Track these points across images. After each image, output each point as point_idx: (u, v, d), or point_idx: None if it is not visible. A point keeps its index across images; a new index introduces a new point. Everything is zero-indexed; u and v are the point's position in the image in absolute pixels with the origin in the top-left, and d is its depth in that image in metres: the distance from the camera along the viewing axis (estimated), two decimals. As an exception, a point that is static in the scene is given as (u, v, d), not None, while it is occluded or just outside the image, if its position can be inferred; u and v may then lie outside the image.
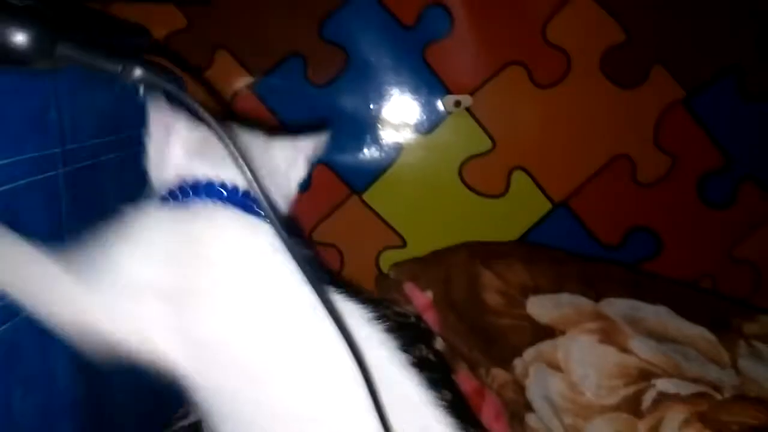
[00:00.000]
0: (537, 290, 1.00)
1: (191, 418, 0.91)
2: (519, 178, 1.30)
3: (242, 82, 1.25)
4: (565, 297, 0.97)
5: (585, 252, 1.27)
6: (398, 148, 1.29)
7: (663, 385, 0.78)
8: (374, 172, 1.31)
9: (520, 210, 1.32)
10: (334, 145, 1.29)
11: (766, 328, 0.93)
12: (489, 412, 0.99)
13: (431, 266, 1.17)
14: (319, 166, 1.29)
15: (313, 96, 1.25)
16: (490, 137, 1.29)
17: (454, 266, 1.13)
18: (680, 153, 1.26)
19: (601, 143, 1.28)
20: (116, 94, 0.77)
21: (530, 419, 0.92)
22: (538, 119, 1.28)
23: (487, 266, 1.06)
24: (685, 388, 0.77)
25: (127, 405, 0.83)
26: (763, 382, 0.80)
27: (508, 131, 1.29)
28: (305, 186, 1.28)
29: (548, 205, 1.31)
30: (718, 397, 0.76)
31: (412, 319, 1.16)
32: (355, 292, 0.56)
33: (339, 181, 1.30)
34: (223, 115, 1.17)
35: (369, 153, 1.30)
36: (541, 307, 0.97)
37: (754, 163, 1.26)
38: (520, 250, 1.13)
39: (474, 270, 1.07)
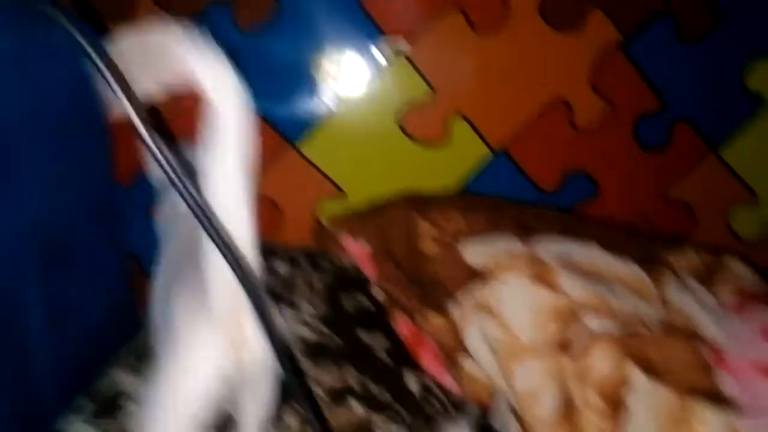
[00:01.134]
0: (471, 236, 0.99)
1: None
2: (458, 126, 1.28)
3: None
4: (498, 241, 0.96)
5: (525, 198, 1.28)
6: (335, 97, 1.26)
7: (591, 322, 0.79)
8: (311, 123, 1.27)
9: (460, 158, 1.31)
10: (267, 96, 1.25)
11: (694, 260, 0.96)
12: (427, 356, 1.00)
13: (369, 219, 1.16)
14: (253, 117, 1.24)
15: (242, 43, 1.20)
16: (429, 84, 1.26)
17: (391, 218, 1.12)
18: (617, 96, 1.27)
19: (539, 88, 1.27)
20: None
21: (465, 362, 0.92)
22: (476, 65, 1.26)
23: (424, 216, 1.05)
24: (613, 324, 0.78)
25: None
26: (689, 313, 0.82)
27: (447, 78, 1.26)
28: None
29: (488, 152, 1.30)
30: (646, 332, 0.78)
31: (351, 270, 1.15)
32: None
33: (274, 132, 1.26)
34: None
35: (304, 103, 1.26)
36: (475, 253, 0.96)
37: (688, 105, 1.28)
38: (457, 199, 1.12)
39: (411, 221, 1.06)
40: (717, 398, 0.68)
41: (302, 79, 1.24)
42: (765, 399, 0.68)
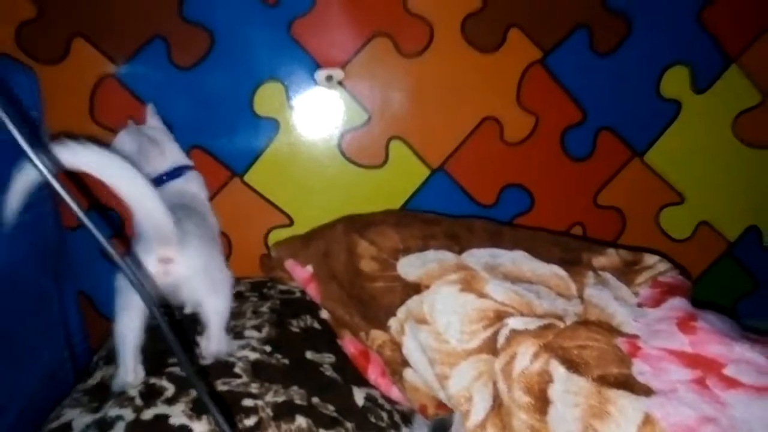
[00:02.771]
0: (407, 251, 1.03)
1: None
2: (397, 148, 1.34)
3: (103, 70, 1.21)
4: (430, 254, 1.01)
5: (464, 213, 1.32)
6: (274, 127, 1.30)
7: (514, 323, 0.83)
8: (253, 153, 1.31)
9: (400, 178, 1.36)
10: (208, 129, 1.29)
11: (613, 258, 1.01)
12: (374, 371, 1.03)
13: (311, 242, 1.19)
14: (195, 150, 1.28)
15: (180, 80, 1.23)
16: (365, 109, 1.31)
17: (332, 240, 1.15)
18: (542, 111, 1.33)
19: (470, 107, 1.33)
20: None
21: (407, 374, 0.96)
22: (409, 88, 1.31)
23: (361, 236, 1.09)
24: (534, 323, 0.83)
25: None
26: (605, 305, 0.87)
27: (382, 102, 1.32)
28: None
29: (426, 172, 1.35)
30: (562, 325, 0.82)
31: (297, 294, 1.18)
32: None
33: (218, 164, 1.30)
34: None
35: (245, 134, 1.30)
36: (409, 266, 1.00)
37: (609, 114, 1.35)
38: (392, 216, 1.17)
39: (351, 241, 1.10)
40: (630, 385, 0.72)
41: (242, 112, 1.28)
42: (676, 380, 0.72)
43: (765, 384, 0.72)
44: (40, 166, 0.48)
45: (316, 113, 1.31)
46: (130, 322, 0.89)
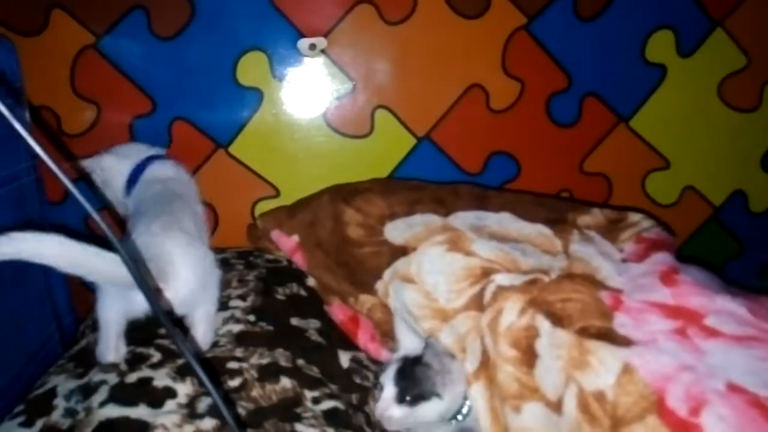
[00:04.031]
0: (393, 217, 1.04)
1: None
2: (382, 117, 1.33)
3: (83, 41, 1.20)
4: (417, 218, 1.01)
5: (451, 182, 1.32)
6: (258, 97, 1.29)
7: (500, 279, 0.84)
8: (237, 124, 1.30)
9: (386, 148, 1.35)
10: (191, 100, 1.27)
11: (598, 217, 1.02)
12: (364, 336, 1.03)
13: (296, 212, 1.19)
14: (178, 122, 1.27)
15: (161, 50, 1.22)
16: (349, 78, 1.30)
17: (318, 209, 1.15)
18: (527, 77, 1.33)
19: (455, 75, 1.33)
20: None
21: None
22: (393, 56, 1.30)
23: (348, 204, 1.09)
24: (520, 279, 0.83)
25: None
26: (589, 260, 0.87)
27: (366, 70, 1.31)
28: (166, 146, 1.28)
29: (412, 140, 1.35)
30: (547, 279, 0.83)
31: (284, 263, 1.18)
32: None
33: (201, 135, 1.29)
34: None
35: (228, 104, 1.29)
36: (396, 230, 1.01)
37: (595, 80, 1.35)
38: (378, 184, 1.17)
39: (337, 209, 1.10)
40: (611, 337, 0.72)
41: (224, 83, 1.26)
42: (657, 331, 0.73)
43: (744, 333, 0.72)
44: (28, 139, 0.47)
45: (300, 83, 1.30)
46: (113, 302, 0.86)
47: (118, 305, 0.86)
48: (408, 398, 0.81)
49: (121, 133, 1.26)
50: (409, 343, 0.91)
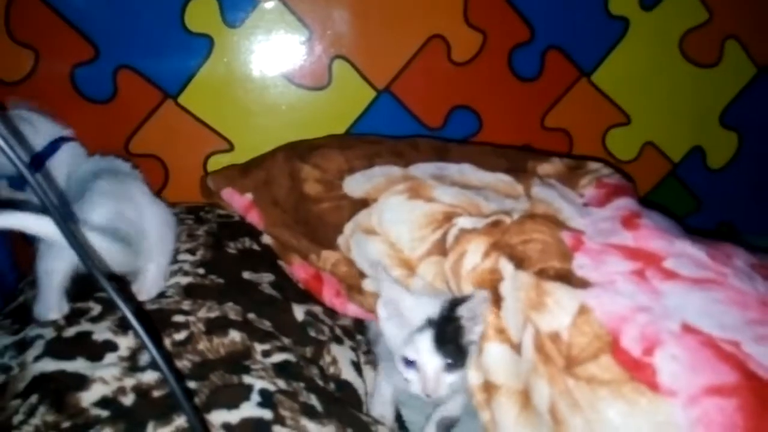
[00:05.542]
0: (352, 171, 1.01)
1: None
2: (340, 68, 1.28)
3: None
4: (376, 170, 0.99)
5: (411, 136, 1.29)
6: (208, 44, 1.22)
7: (463, 222, 0.82)
8: (186, 73, 1.23)
9: (345, 101, 1.31)
10: (136, 47, 1.20)
11: (557, 165, 1.00)
12: (329, 292, 1.00)
13: (249, 171, 1.14)
14: (123, 70, 1.20)
15: (103, -4, 1.14)
16: (305, 26, 1.25)
17: (272, 168, 1.11)
18: (489, 28, 1.29)
19: (416, 24, 1.28)
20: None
21: (366, 284, 0.93)
22: (351, 3, 1.25)
23: (304, 161, 1.06)
24: (482, 222, 0.81)
25: None
26: (551, 201, 0.86)
27: (323, 18, 1.25)
28: (110, 95, 1.21)
29: (372, 93, 1.30)
30: (509, 221, 0.81)
31: (236, 218, 1.13)
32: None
33: (148, 85, 1.22)
34: None
35: (176, 52, 1.21)
36: (355, 183, 0.98)
37: (557, 33, 1.32)
38: (335, 140, 1.13)
39: (294, 167, 1.07)
40: (568, 278, 0.71)
41: (172, 28, 1.19)
42: (615, 272, 0.72)
43: (702, 276, 0.72)
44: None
45: (254, 30, 1.23)
46: (55, 261, 0.79)
47: (63, 258, 0.79)
48: (457, 363, 0.76)
49: (63, 82, 1.18)
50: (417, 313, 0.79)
